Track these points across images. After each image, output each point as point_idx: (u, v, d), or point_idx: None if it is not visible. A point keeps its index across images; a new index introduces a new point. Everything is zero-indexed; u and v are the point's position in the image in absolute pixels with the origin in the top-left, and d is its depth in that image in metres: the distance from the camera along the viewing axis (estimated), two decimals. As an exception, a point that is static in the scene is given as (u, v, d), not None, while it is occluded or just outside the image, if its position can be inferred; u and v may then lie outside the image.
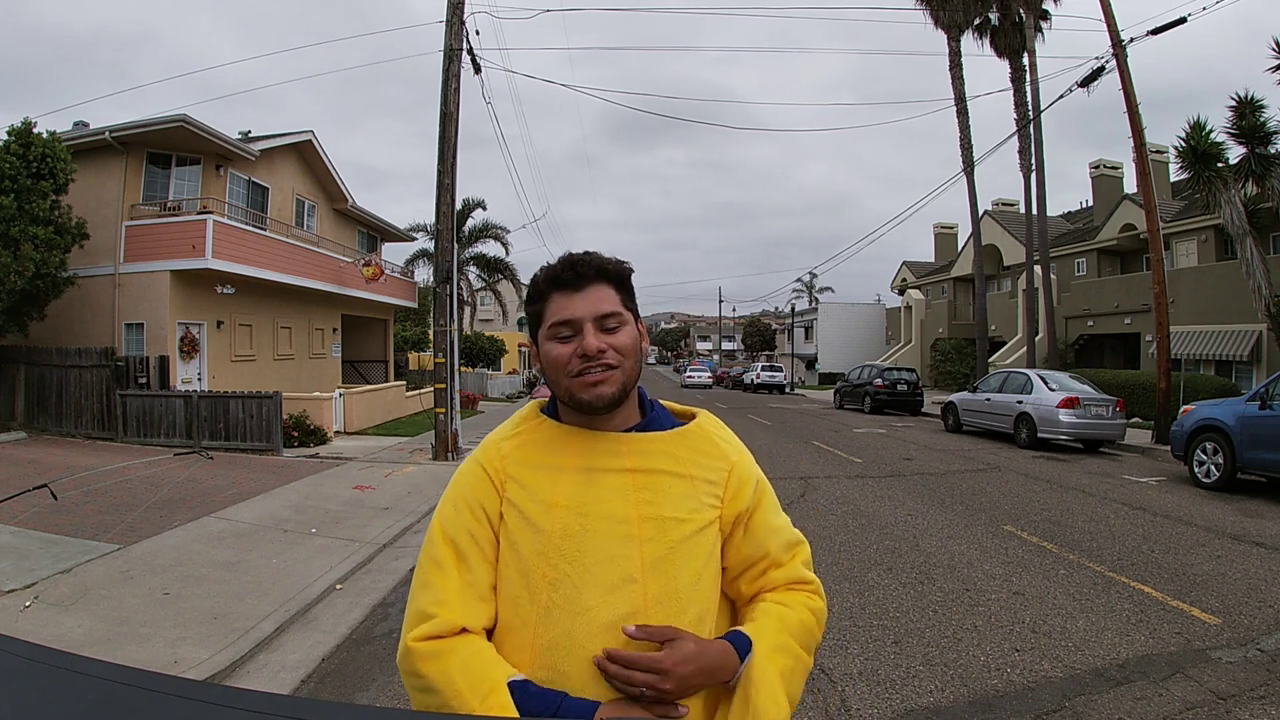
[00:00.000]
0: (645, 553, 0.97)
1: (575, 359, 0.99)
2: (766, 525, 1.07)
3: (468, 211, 26.39)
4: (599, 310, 1.01)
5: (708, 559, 1.01)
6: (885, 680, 3.11)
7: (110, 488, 6.97)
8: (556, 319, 1.02)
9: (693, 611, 0.97)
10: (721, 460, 1.07)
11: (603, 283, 1.03)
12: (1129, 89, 12.91)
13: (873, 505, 7.06)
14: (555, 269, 1.04)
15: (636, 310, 1.09)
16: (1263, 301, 12.77)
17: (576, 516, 0.98)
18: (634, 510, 0.99)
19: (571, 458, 1.02)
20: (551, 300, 1.03)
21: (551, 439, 1.05)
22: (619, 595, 0.94)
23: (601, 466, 1.01)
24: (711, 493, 1.04)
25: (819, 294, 55.85)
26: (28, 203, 10.34)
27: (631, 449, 1.03)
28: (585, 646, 0.92)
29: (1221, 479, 7.96)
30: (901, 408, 20.45)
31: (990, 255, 27.62)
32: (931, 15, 22.92)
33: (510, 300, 34.13)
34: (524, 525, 0.98)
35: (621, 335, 1.02)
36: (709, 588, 1.01)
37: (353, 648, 3.64)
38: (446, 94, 10.36)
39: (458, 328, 13.62)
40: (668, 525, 0.99)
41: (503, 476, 1.02)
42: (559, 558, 0.95)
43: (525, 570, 0.96)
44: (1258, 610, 4.03)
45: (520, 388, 30.18)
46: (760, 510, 1.08)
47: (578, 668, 0.91)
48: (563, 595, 0.94)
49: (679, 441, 1.06)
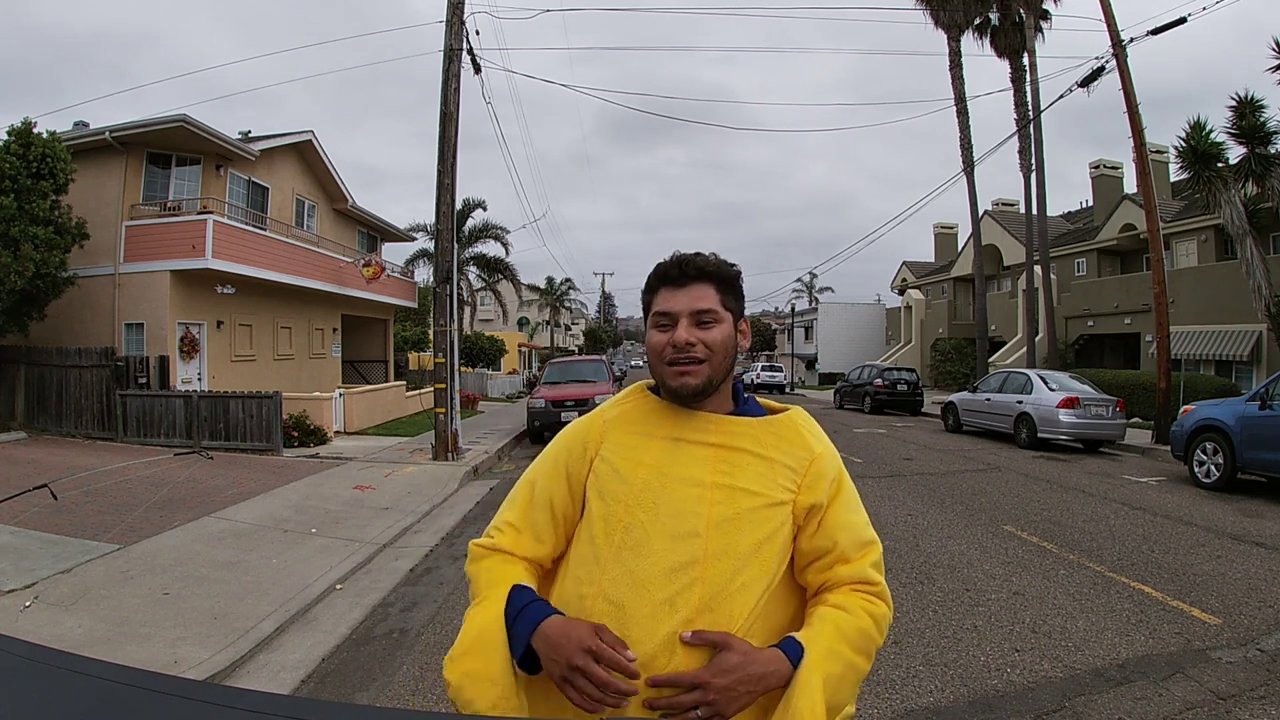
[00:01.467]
0: (713, 513, 1.05)
1: (669, 348, 1.11)
2: (839, 519, 1.11)
3: (468, 211, 26.37)
4: (695, 306, 1.12)
5: (773, 534, 1.06)
6: (885, 680, 3.11)
7: (110, 488, 6.97)
8: (658, 310, 1.14)
9: (747, 574, 1.03)
10: (804, 450, 1.13)
11: (704, 282, 1.14)
12: (1129, 89, 12.91)
13: (872, 505, 7.06)
14: (665, 266, 1.16)
15: (739, 310, 1.19)
16: (1263, 301, 12.77)
17: (658, 475, 1.09)
18: (710, 477, 1.08)
19: (663, 428, 1.14)
20: (659, 293, 1.16)
21: (650, 411, 1.18)
22: (682, 545, 1.03)
23: (688, 438, 1.12)
24: (790, 477, 1.10)
25: (819, 294, 55.86)
26: (28, 203, 10.34)
27: (719, 428, 1.13)
28: (645, 586, 1.01)
29: (1221, 479, 7.96)
30: (901, 408, 20.45)
31: (990, 255, 27.62)
32: (931, 15, 22.93)
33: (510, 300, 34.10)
34: (613, 476, 1.11)
35: (714, 332, 1.12)
36: (770, 560, 1.05)
37: (353, 648, 3.63)
38: (446, 94, 10.36)
39: (458, 328, 13.61)
40: (739, 495, 1.07)
41: (601, 437, 1.16)
42: (637, 506, 1.07)
43: (607, 514, 1.08)
44: (1258, 610, 4.03)
45: (520, 388, 30.13)
46: (836, 504, 1.12)
47: (635, 603, 1.01)
48: (634, 538, 1.05)
49: (765, 427, 1.15)
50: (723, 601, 1.00)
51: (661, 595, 1.00)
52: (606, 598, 1.02)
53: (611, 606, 1.01)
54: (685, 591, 1.00)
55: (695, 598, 1.00)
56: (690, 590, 1.00)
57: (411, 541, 5.74)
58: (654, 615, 0.99)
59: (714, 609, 1.00)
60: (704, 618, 0.99)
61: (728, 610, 1.00)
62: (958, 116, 22.98)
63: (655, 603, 1.00)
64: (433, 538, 5.87)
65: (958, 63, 22.85)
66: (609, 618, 1.00)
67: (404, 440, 12.19)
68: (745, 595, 1.02)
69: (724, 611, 1.00)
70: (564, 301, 47.38)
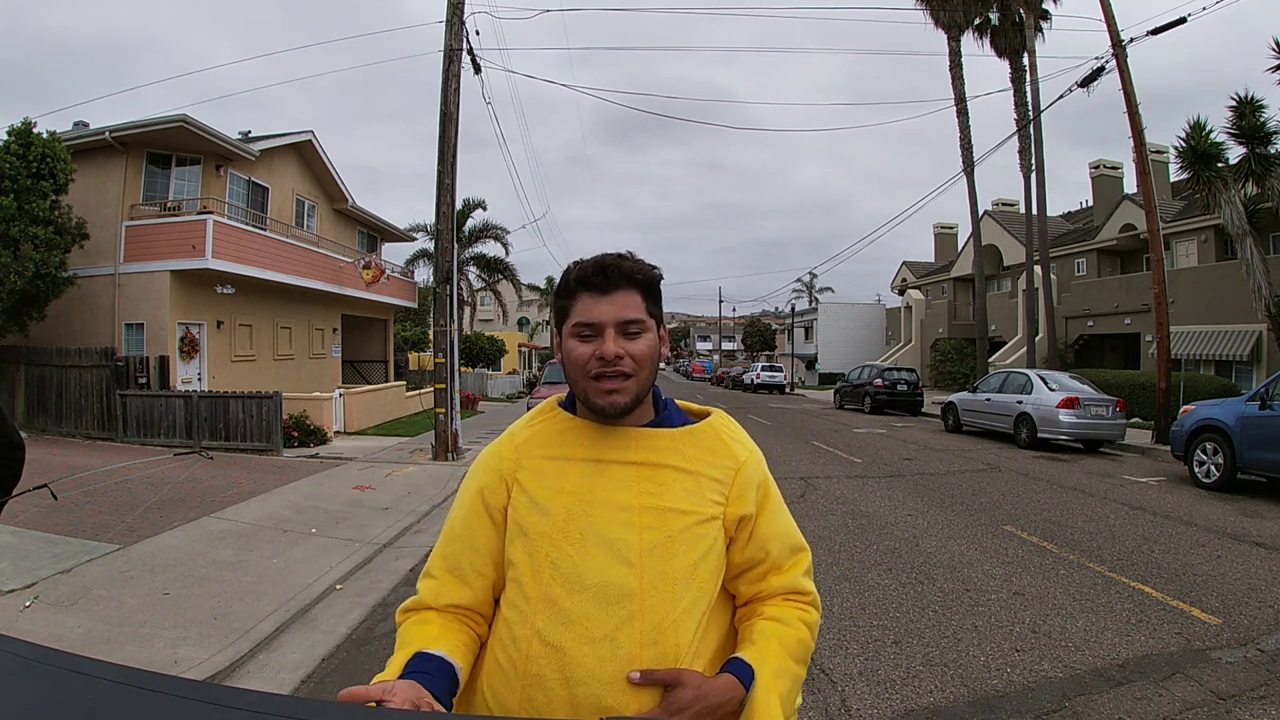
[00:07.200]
0: (644, 539, 0.99)
1: (594, 360, 1.03)
2: (770, 528, 1.08)
3: (468, 212, 26.40)
4: (621, 316, 1.04)
5: (707, 551, 1.02)
6: (885, 680, 3.11)
7: (110, 488, 6.97)
8: (580, 319, 1.05)
9: (687, 599, 0.98)
10: (729, 459, 1.08)
11: (630, 289, 1.06)
12: (1129, 89, 12.90)
13: (873, 505, 7.06)
14: (586, 269, 1.06)
15: (660, 316, 1.11)
16: (1263, 301, 12.77)
17: (580, 503, 1.02)
18: (636, 500, 1.02)
19: (581, 449, 1.06)
20: (579, 299, 1.06)
21: (564, 431, 1.09)
22: (615, 577, 0.97)
23: (609, 458, 1.05)
24: (716, 489, 1.05)
25: (819, 294, 55.85)
26: (28, 203, 10.34)
27: (640, 444, 1.06)
28: (581, 624, 0.95)
29: (1221, 479, 7.95)
30: (901, 408, 20.45)
31: (990, 255, 27.62)
32: (931, 15, 22.93)
33: (510, 300, 34.09)
34: (532, 509, 1.03)
35: (640, 343, 1.04)
36: (706, 578, 1.01)
37: (353, 648, 3.63)
38: (446, 94, 10.36)
39: (458, 328, 13.61)
40: (668, 516, 1.01)
41: (515, 465, 1.08)
42: (562, 539, 1.00)
43: (531, 550, 1.01)
44: (1258, 610, 4.03)
45: (520, 388, 30.15)
46: (765, 513, 1.08)
47: (573, 643, 0.94)
48: (562, 574, 0.98)
49: (687, 439, 1.08)
50: (666, 632, 0.95)
51: (600, 632, 0.94)
52: (542, 639, 0.95)
53: (549, 649, 0.94)
54: (625, 627, 0.94)
55: (636, 632, 0.94)
56: (630, 625, 0.94)
57: (412, 541, 5.74)
58: (595, 655, 0.93)
59: (659, 641, 0.95)
60: (648, 652, 0.94)
61: (673, 640, 0.95)
62: (958, 116, 23.00)
63: (594, 640, 0.94)
64: (433, 538, 5.85)
65: (958, 63, 22.86)
66: (547, 660, 0.94)
67: (404, 440, 12.19)
68: (687, 621, 0.97)
69: (669, 642, 0.95)
70: (564, 301, 47.28)
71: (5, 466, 2.17)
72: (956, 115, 23.02)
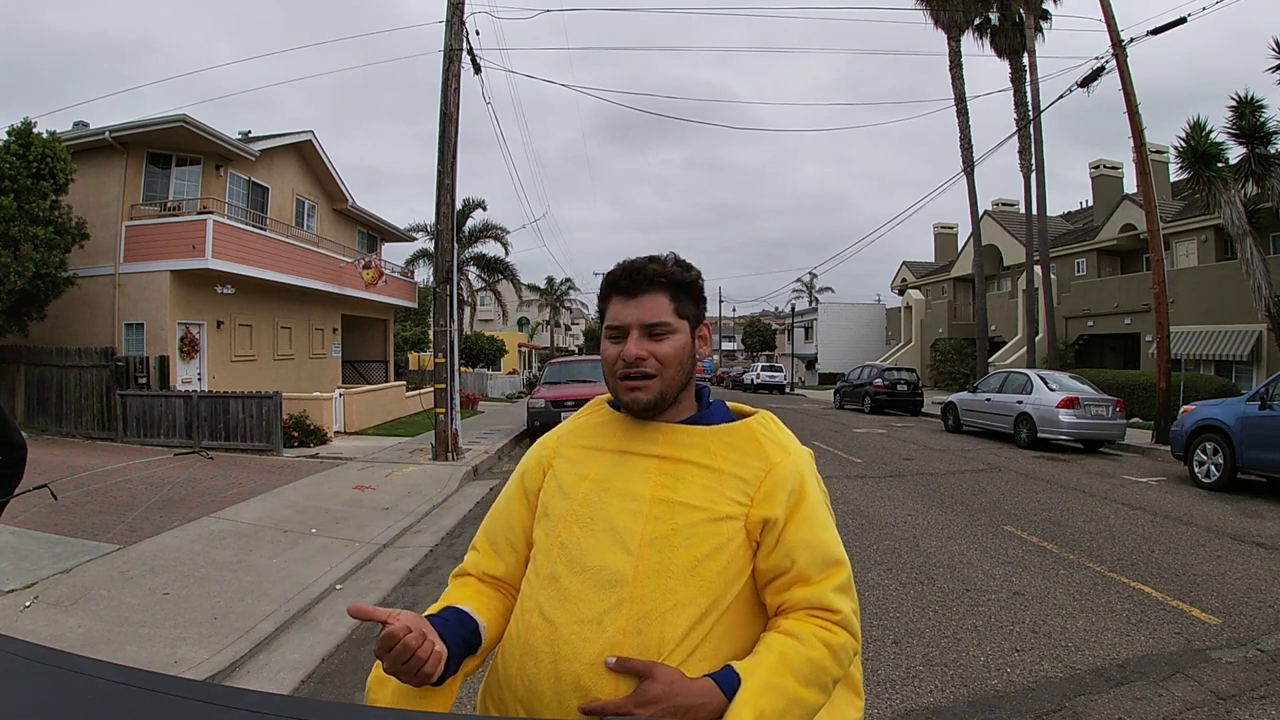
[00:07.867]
0: (647, 529, 1.01)
1: (619, 362, 1.09)
2: (799, 537, 1.02)
3: (468, 212, 26.40)
4: (645, 319, 1.09)
5: (715, 550, 0.99)
6: (885, 680, 3.11)
7: (110, 488, 6.97)
8: (610, 322, 1.12)
9: (681, 594, 0.96)
10: (760, 459, 1.07)
11: (657, 291, 1.10)
12: (1129, 89, 12.91)
13: (873, 505, 7.06)
14: (615, 274, 1.13)
15: (697, 316, 1.15)
16: (1263, 301, 12.78)
17: (598, 490, 1.07)
18: (649, 491, 1.05)
19: (611, 440, 1.12)
20: (611, 303, 1.13)
21: (602, 424, 1.16)
22: (612, 562, 1.00)
23: (634, 450, 1.09)
24: (740, 489, 1.04)
25: (819, 294, 55.82)
26: (28, 203, 10.34)
27: (667, 438, 1.09)
28: (574, 603, 0.99)
29: (1221, 479, 7.95)
30: (901, 408, 20.45)
31: (990, 255, 27.63)
32: (931, 15, 22.94)
33: (510, 300, 34.11)
34: (557, 493, 1.10)
35: (665, 344, 1.09)
36: (711, 577, 0.98)
37: (353, 648, 3.63)
38: (446, 94, 10.35)
39: (458, 328, 13.62)
40: (677, 509, 1.02)
41: (554, 453, 1.16)
42: (574, 522, 1.05)
43: (550, 530, 1.07)
44: (1258, 610, 4.03)
45: (520, 388, 30.12)
46: (796, 519, 1.03)
47: (564, 620, 0.98)
48: (568, 555, 1.03)
49: (716, 436, 1.10)
50: (652, 623, 0.95)
51: (589, 613, 0.96)
52: (541, 613, 1.00)
53: (544, 622, 0.99)
54: (612, 611, 0.96)
55: (622, 618, 0.95)
56: (618, 610, 0.96)
57: (412, 541, 5.74)
58: (581, 634, 0.95)
59: (642, 631, 0.94)
60: (631, 640, 0.94)
61: (657, 633, 0.94)
62: (958, 116, 23.00)
63: (583, 620, 0.96)
64: (433, 538, 5.87)
65: (958, 63, 22.87)
66: (542, 632, 0.98)
67: (404, 440, 12.19)
68: (677, 617, 0.95)
69: (653, 634, 0.94)
70: (564, 301, 47.42)
71: (7, 466, 2.18)
72: (956, 115, 23.04)
